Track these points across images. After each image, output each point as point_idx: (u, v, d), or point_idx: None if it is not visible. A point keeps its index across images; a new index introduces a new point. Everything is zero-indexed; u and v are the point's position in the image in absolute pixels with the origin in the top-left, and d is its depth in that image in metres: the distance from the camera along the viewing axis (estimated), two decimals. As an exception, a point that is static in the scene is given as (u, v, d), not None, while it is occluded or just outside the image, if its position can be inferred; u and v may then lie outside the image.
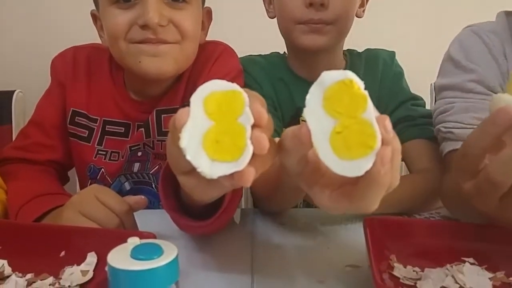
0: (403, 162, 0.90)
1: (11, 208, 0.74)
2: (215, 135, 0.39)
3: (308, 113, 0.40)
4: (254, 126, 0.39)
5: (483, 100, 0.74)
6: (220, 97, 0.41)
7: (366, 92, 0.39)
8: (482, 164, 0.49)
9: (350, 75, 0.39)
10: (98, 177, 0.89)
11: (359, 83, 0.39)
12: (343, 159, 0.38)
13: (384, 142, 0.38)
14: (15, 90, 1.14)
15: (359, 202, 0.41)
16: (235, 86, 0.41)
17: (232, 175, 0.39)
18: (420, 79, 1.08)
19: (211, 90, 0.41)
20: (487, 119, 0.48)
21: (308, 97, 0.40)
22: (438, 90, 0.83)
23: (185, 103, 0.80)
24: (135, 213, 0.65)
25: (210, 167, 0.39)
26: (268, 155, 0.40)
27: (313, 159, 0.41)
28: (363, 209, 0.41)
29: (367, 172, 0.38)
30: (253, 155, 0.38)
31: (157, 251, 0.42)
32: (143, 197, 0.64)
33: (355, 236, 0.67)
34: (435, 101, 0.86)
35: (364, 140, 0.38)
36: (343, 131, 0.38)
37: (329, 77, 0.40)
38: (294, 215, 0.79)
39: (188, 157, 0.38)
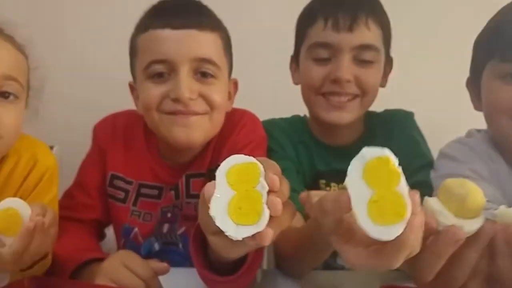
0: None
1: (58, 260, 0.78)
2: (237, 202, 0.46)
3: (349, 182, 0.46)
4: (269, 192, 0.46)
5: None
6: (239, 169, 0.48)
7: (400, 169, 0.45)
8: None
9: (387, 152, 0.46)
10: (130, 237, 0.95)
11: (394, 160, 0.45)
12: (377, 224, 0.44)
13: (413, 213, 0.44)
14: (53, 146, 1.15)
15: (386, 261, 0.46)
16: (251, 159, 0.49)
17: (254, 235, 0.45)
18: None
19: (232, 164, 0.48)
20: None
21: (349, 168, 0.46)
22: (435, 180, 0.86)
23: (211, 167, 0.88)
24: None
25: (236, 230, 0.45)
26: (284, 216, 0.47)
27: (348, 220, 0.48)
28: (388, 267, 0.46)
29: (397, 237, 0.43)
30: (271, 217, 0.46)
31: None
32: (166, 264, 0.71)
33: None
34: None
35: (397, 209, 0.44)
36: (379, 201, 0.44)
37: (369, 153, 0.46)
38: (316, 277, 0.80)
39: (218, 223, 0.45)
